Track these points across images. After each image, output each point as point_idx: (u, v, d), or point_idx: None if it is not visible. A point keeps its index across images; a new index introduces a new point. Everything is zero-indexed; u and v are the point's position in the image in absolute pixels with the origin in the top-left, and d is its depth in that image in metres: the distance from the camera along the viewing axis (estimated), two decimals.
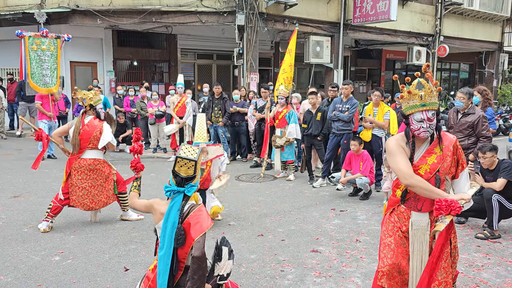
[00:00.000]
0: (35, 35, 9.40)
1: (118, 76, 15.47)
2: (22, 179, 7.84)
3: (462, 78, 25.48)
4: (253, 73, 13.08)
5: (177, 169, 2.68)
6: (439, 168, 2.96)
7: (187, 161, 2.67)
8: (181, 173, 2.67)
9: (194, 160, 2.68)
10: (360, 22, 14.68)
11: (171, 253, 2.59)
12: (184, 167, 2.67)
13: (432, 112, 2.98)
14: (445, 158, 2.97)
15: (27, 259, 4.46)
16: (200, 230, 2.57)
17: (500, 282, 4.05)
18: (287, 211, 6.27)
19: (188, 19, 12.89)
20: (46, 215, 5.26)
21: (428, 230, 3.00)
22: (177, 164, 2.68)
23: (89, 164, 5.32)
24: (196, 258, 2.50)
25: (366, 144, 7.35)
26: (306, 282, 4.01)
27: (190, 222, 2.60)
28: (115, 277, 4.07)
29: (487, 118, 6.01)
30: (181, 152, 2.71)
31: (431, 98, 2.94)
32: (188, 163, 2.67)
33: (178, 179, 2.67)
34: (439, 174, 2.97)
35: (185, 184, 2.67)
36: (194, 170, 2.69)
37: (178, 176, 2.67)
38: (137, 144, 3.39)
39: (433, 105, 2.95)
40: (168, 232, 2.58)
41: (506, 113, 15.52)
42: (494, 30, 20.50)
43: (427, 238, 3.00)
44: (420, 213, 3.04)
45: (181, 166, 2.68)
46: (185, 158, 2.67)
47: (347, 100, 7.56)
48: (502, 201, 5.19)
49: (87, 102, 5.31)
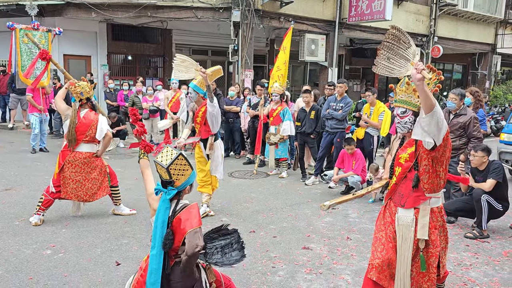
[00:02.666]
0: (26, 28, 9.31)
1: (112, 70, 15.40)
2: (14, 172, 7.80)
3: (455, 79, 25.64)
4: (247, 70, 13.09)
5: (158, 171, 2.70)
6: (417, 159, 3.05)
7: (160, 166, 2.66)
8: (161, 175, 2.69)
9: (165, 167, 2.62)
10: (356, 21, 14.72)
11: (162, 252, 2.60)
12: (161, 171, 2.68)
13: (401, 110, 3.08)
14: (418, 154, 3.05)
15: (18, 252, 4.45)
16: (189, 226, 2.56)
17: (488, 281, 4.11)
18: (279, 208, 6.30)
19: (183, 14, 12.85)
20: (38, 208, 5.25)
21: (413, 226, 3.06)
22: (157, 167, 2.70)
23: (84, 157, 5.31)
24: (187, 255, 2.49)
25: (358, 141, 7.43)
26: (297, 279, 4.05)
27: (181, 219, 2.60)
28: (107, 271, 4.08)
29: (479, 120, 6.07)
30: (158, 156, 2.68)
31: (403, 96, 3.05)
32: (161, 168, 2.65)
33: (161, 180, 2.69)
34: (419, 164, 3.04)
35: (166, 186, 2.66)
36: (169, 175, 2.64)
37: (160, 178, 2.69)
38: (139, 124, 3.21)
39: (403, 103, 3.07)
40: (159, 232, 2.59)
41: (497, 114, 15.66)
42: (488, 32, 20.64)
43: (411, 235, 3.06)
44: (404, 209, 3.12)
45: (158, 170, 2.71)
46: (158, 163, 2.66)
47: (341, 98, 7.61)
48: (491, 202, 5.25)
49: (84, 95, 5.29)
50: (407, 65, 2.89)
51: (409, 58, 2.90)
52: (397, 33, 2.95)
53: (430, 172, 3.02)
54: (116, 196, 5.64)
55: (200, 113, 5.63)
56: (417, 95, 2.97)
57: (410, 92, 3.00)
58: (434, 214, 3.11)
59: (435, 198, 3.10)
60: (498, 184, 5.27)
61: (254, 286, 3.89)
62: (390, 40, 2.97)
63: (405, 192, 3.13)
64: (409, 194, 3.10)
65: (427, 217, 3.05)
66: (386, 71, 3.01)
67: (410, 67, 2.83)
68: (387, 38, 2.98)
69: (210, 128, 5.61)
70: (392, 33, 2.96)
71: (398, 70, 2.96)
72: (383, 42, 3.00)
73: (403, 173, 3.15)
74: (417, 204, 3.08)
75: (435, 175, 3.03)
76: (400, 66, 2.94)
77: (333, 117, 7.52)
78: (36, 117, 9.55)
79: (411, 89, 3.00)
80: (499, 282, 4.10)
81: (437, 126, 2.74)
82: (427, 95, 2.68)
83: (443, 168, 3.04)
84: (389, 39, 2.98)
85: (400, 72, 2.95)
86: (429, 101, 2.69)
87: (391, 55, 2.97)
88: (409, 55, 2.90)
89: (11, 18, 10.87)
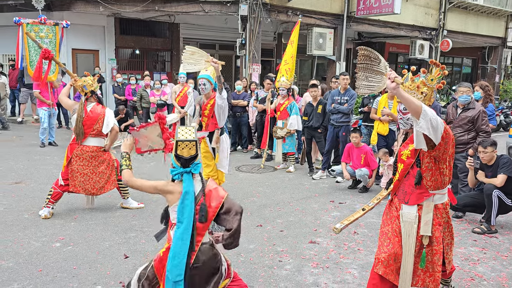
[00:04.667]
0: (33, 22, 9.33)
1: (120, 64, 15.44)
2: (23, 166, 7.88)
3: (464, 73, 25.41)
4: (255, 64, 13.06)
5: (179, 153, 2.75)
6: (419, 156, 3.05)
7: (187, 142, 2.75)
8: (184, 155, 2.75)
9: (194, 140, 2.77)
10: (364, 14, 14.61)
11: (190, 229, 2.69)
12: (186, 149, 2.75)
13: (403, 106, 3.08)
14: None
15: (28, 245, 4.51)
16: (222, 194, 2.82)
17: (495, 276, 4.10)
18: (286, 202, 6.31)
19: (191, 8, 12.84)
20: (47, 201, 5.31)
21: (416, 223, 3.06)
22: (179, 148, 2.75)
23: (91, 151, 5.35)
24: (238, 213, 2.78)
25: (382, 138, 7.21)
26: (303, 273, 4.06)
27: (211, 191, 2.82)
28: (115, 264, 4.12)
29: (487, 114, 6.02)
30: (179, 135, 2.78)
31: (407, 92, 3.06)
32: (189, 144, 2.76)
33: (182, 160, 2.76)
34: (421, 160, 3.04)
35: (189, 164, 2.77)
36: (196, 149, 2.77)
37: (181, 158, 2.75)
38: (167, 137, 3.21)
39: None
40: (188, 210, 2.70)
41: (507, 109, 15.51)
42: (498, 25, 20.40)
43: (414, 231, 3.06)
44: (408, 206, 3.12)
45: (182, 148, 2.75)
46: (185, 140, 2.75)
47: (345, 91, 7.56)
48: (502, 197, 5.22)
49: (88, 88, 5.32)
50: (383, 79, 2.97)
51: (382, 71, 2.98)
52: (366, 52, 3.02)
53: (433, 170, 3.00)
54: (124, 190, 5.69)
55: (208, 105, 5.63)
56: (420, 91, 2.96)
57: (414, 89, 2.98)
58: (438, 210, 3.10)
59: (439, 194, 3.09)
60: (508, 179, 5.24)
61: (260, 279, 3.91)
62: (362, 61, 3.05)
63: (408, 189, 3.12)
64: (412, 191, 3.09)
65: (430, 213, 3.04)
66: (368, 89, 3.11)
67: (385, 79, 2.87)
68: (360, 60, 3.07)
69: (217, 121, 5.61)
70: (362, 54, 3.04)
71: (377, 86, 3.04)
72: (358, 65, 3.09)
73: (405, 170, 3.14)
74: (421, 201, 3.07)
75: (438, 173, 3.02)
76: (378, 81, 3.03)
77: (339, 111, 7.48)
78: (44, 111, 9.62)
79: (414, 86, 2.98)
80: (507, 277, 4.08)
81: (432, 126, 2.74)
82: (408, 100, 2.72)
83: (447, 165, 3.02)
84: (362, 60, 3.06)
85: (379, 87, 3.05)
86: (412, 105, 2.73)
87: (367, 74, 3.06)
88: (382, 68, 2.98)
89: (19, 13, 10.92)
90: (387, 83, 2.75)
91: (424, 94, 2.94)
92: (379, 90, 3.12)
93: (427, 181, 3.02)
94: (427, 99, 2.94)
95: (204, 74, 5.59)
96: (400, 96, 2.71)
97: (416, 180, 3.05)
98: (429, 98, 2.97)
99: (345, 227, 3.39)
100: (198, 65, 5.45)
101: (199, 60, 5.36)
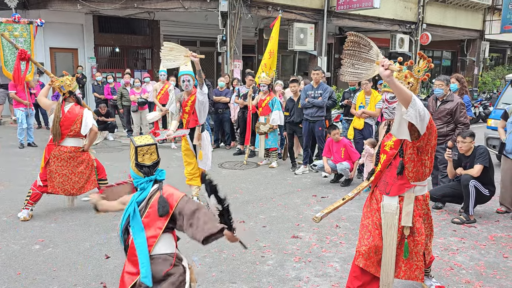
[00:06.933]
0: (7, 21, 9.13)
1: (100, 62, 15.23)
2: (2, 168, 7.73)
3: (444, 66, 25.75)
4: (236, 60, 13.02)
5: (141, 160, 2.61)
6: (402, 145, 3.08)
7: (148, 147, 2.62)
8: (146, 162, 2.62)
9: (154, 144, 2.65)
10: (344, 9, 14.67)
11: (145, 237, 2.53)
12: (147, 155, 2.63)
13: (390, 95, 3.11)
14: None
15: (7, 248, 4.43)
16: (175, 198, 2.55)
17: (474, 265, 4.18)
18: (269, 198, 6.32)
19: (170, 5, 12.71)
20: (26, 203, 5.22)
21: (397, 214, 3.09)
22: (139, 155, 2.61)
23: (69, 152, 5.27)
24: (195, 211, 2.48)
25: (358, 131, 7.37)
26: (285, 267, 4.08)
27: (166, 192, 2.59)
28: (96, 265, 4.08)
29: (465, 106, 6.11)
30: (137, 142, 2.64)
31: None
32: (150, 148, 2.63)
33: (145, 169, 2.62)
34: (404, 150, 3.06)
35: (153, 171, 2.64)
36: (157, 154, 2.66)
37: (144, 166, 2.62)
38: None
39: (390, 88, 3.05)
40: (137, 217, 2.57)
41: (486, 100, 15.77)
42: (476, 18, 20.70)
43: (395, 222, 3.09)
44: (389, 197, 3.15)
45: (143, 155, 2.62)
46: (145, 145, 2.62)
47: (318, 86, 7.58)
48: (478, 187, 5.31)
49: (65, 88, 5.23)
50: (373, 66, 2.94)
51: (373, 59, 2.95)
52: (356, 38, 2.99)
53: (415, 161, 3.03)
54: None
55: (189, 102, 5.60)
56: (407, 81, 2.98)
57: (401, 78, 2.99)
58: (419, 202, 3.14)
59: (420, 186, 3.13)
60: (484, 169, 5.33)
61: (243, 275, 3.91)
62: (350, 48, 3.02)
63: (389, 179, 3.15)
64: (394, 181, 3.12)
65: (411, 205, 3.08)
66: (353, 77, 3.08)
67: (376, 67, 2.86)
68: (347, 47, 3.03)
69: (198, 117, 5.57)
70: (351, 40, 3.01)
71: (366, 73, 3.02)
72: (344, 51, 3.04)
73: (387, 160, 3.17)
74: (402, 192, 3.11)
75: (420, 164, 3.05)
76: (366, 69, 3.00)
77: (313, 105, 7.48)
78: (22, 112, 9.45)
79: (402, 75, 2.99)
80: (485, 266, 4.16)
81: (420, 115, 2.76)
82: (400, 89, 2.70)
83: (428, 156, 3.06)
84: (349, 47, 3.03)
85: (367, 74, 3.02)
86: (404, 94, 2.71)
87: (354, 61, 3.03)
88: (373, 55, 2.97)
89: None
90: (380, 70, 2.69)
91: (410, 84, 2.97)
92: (367, 78, 3.09)
93: (409, 172, 3.06)
94: (412, 90, 2.96)
95: (187, 70, 5.55)
96: (392, 84, 2.68)
97: (398, 170, 3.07)
98: (415, 89, 3.00)
99: (325, 216, 3.40)
100: (177, 61, 5.40)
101: (178, 56, 5.31)
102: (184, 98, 5.68)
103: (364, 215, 3.35)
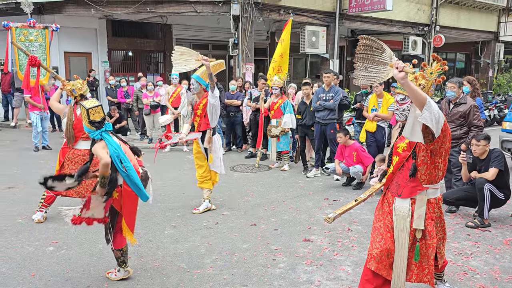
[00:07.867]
0: (22, 26, 9.27)
1: (113, 66, 15.41)
2: (17, 170, 7.85)
3: (458, 68, 25.48)
4: (248, 63, 13.06)
5: (93, 118, 3.48)
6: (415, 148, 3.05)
7: (96, 108, 3.49)
8: (96, 119, 3.49)
9: (100, 105, 3.56)
10: (356, 12, 14.64)
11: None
12: (96, 114, 3.49)
13: (401, 97, 3.07)
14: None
15: (21, 249, 4.49)
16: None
17: (488, 270, 4.11)
18: (280, 201, 6.31)
19: (183, 9, 12.82)
20: (40, 205, 5.29)
21: (409, 217, 3.06)
22: (90, 115, 3.47)
23: (83, 154, 5.30)
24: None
25: (370, 134, 7.28)
26: (297, 271, 4.06)
27: None
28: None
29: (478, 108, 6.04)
30: (87, 105, 3.49)
31: None
32: (97, 108, 3.50)
33: (96, 124, 3.49)
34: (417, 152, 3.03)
35: (102, 125, 3.52)
36: (103, 111, 3.58)
37: (95, 122, 3.48)
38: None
39: (404, 90, 2.99)
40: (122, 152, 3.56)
41: (501, 103, 15.57)
42: (490, 20, 20.47)
43: (407, 225, 3.07)
44: (401, 199, 3.12)
45: (93, 114, 3.48)
46: (94, 107, 3.49)
47: (329, 89, 7.56)
48: (493, 191, 5.23)
49: (77, 92, 5.29)
50: (386, 69, 2.91)
51: (386, 61, 2.93)
52: (368, 42, 2.97)
53: (428, 163, 3.00)
54: None
55: (200, 105, 5.62)
56: (418, 83, 2.95)
57: (412, 80, 2.97)
58: (431, 205, 3.11)
59: (432, 189, 3.09)
60: (500, 172, 5.26)
61: (254, 278, 3.91)
62: (363, 51, 3.00)
63: (402, 182, 3.13)
64: (406, 184, 3.10)
65: (423, 207, 3.05)
66: (367, 80, 3.05)
67: (390, 70, 2.84)
68: (360, 50, 3.01)
69: (209, 121, 5.59)
70: (363, 43, 2.99)
71: (379, 76, 2.99)
72: (356, 55, 3.03)
73: (400, 162, 3.15)
74: (414, 194, 3.08)
75: (433, 167, 3.02)
76: (379, 72, 2.98)
77: (325, 108, 7.46)
78: (36, 115, 9.58)
79: (412, 77, 2.97)
80: (500, 270, 4.09)
81: (435, 118, 2.73)
82: (415, 91, 2.67)
83: (442, 159, 3.02)
84: (362, 50, 3.00)
85: (381, 77, 2.99)
86: (419, 97, 2.68)
87: (367, 65, 3.00)
88: (386, 58, 2.94)
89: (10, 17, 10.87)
90: (394, 72, 2.67)
91: (421, 86, 2.93)
92: (380, 81, 3.05)
93: (422, 174, 3.03)
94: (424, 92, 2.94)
95: (194, 75, 5.60)
96: (407, 86, 2.65)
97: (410, 172, 3.04)
98: (427, 91, 2.96)
99: (338, 216, 3.37)
100: (188, 65, 5.44)
101: (189, 60, 5.35)
102: (196, 101, 5.70)
103: (376, 218, 3.33)
